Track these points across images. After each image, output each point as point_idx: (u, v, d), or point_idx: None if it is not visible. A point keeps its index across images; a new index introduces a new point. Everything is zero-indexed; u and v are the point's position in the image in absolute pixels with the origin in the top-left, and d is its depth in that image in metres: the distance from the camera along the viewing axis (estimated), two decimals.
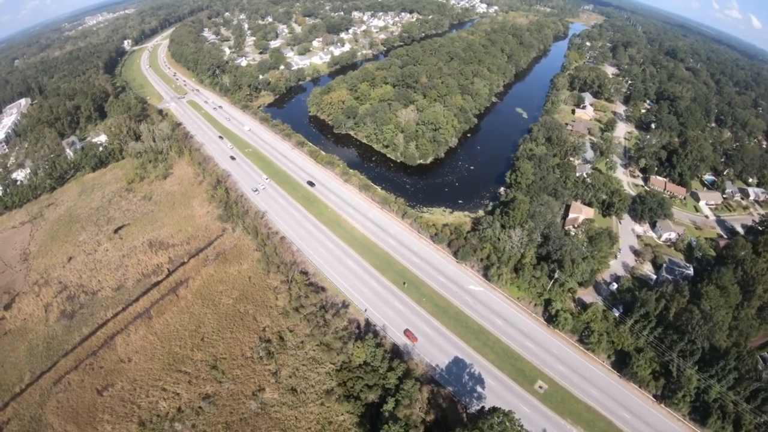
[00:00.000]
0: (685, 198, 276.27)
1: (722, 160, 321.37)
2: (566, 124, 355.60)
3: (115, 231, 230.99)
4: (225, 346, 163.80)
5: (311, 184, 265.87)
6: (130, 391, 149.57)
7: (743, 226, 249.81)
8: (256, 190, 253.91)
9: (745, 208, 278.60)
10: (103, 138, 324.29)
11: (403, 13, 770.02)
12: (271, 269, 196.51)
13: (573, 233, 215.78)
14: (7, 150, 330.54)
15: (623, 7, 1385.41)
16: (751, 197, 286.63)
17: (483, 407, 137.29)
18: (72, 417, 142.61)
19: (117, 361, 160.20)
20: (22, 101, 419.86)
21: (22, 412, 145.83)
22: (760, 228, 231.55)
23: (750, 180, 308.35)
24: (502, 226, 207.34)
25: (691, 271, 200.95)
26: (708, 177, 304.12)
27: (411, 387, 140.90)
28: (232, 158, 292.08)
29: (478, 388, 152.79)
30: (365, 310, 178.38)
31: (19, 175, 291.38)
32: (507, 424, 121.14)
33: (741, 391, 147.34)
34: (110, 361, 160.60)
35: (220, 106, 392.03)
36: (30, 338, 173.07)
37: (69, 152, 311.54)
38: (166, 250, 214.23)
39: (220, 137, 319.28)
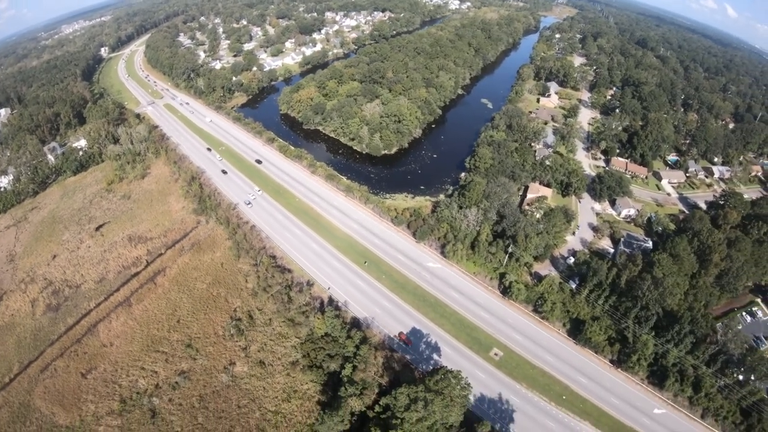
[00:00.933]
0: (646, 177, 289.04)
1: (686, 141, 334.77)
2: (530, 112, 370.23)
3: (97, 229, 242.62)
4: (199, 327, 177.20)
5: (258, 162, 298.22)
6: (111, 373, 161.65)
7: (706, 202, 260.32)
8: (249, 203, 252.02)
9: (710, 185, 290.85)
10: (83, 143, 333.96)
11: (375, 12, 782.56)
12: (241, 255, 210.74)
13: (529, 211, 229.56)
14: None
15: (597, 0, 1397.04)
16: (716, 175, 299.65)
17: (433, 368, 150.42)
18: (58, 400, 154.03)
19: (100, 346, 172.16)
20: (2, 111, 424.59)
21: (11, 399, 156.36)
22: (721, 202, 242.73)
23: (715, 159, 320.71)
24: (459, 207, 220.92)
25: (650, 245, 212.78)
26: (671, 157, 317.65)
27: (366, 352, 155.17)
28: (224, 172, 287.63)
29: (435, 356, 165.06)
30: (328, 288, 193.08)
31: (2, 181, 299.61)
32: (451, 380, 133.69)
33: (700, 355, 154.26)
34: (93, 346, 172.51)
35: (188, 103, 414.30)
36: (18, 332, 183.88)
37: (50, 158, 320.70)
38: (144, 243, 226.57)
39: (209, 149, 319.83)
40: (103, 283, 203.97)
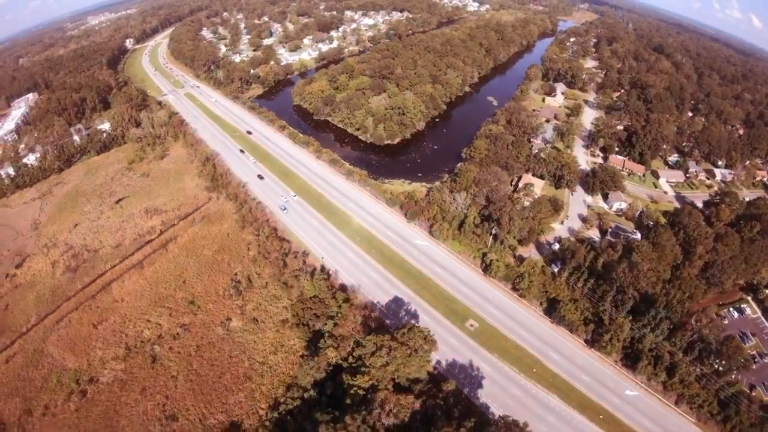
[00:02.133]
0: (644, 175, 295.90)
1: (690, 143, 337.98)
2: (533, 110, 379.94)
3: (117, 202, 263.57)
4: (202, 287, 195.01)
5: (249, 132, 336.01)
6: (120, 324, 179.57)
7: (703, 202, 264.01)
8: (285, 209, 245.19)
9: (710, 186, 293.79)
10: (106, 125, 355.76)
11: (393, 12, 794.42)
12: (245, 226, 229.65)
13: (517, 198, 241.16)
14: (17, 137, 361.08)
15: (620, 6, 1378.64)
16: (718, 177, 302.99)
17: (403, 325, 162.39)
18: (69, 347, 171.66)
19: (112, 302, 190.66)
20: (30, 95, 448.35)
21: (26, 347, 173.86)
22: (716, 200, 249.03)
23: (719, 162, 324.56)
24: (450, 191, 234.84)
25: (638, 236, 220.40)
26: (673, 158, 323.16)
27: (346, 309, 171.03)
28: (260, 177, 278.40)
29: (413, 322, 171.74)
30: (322, 258, 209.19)
31: (30, 158, 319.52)
32: (417, 333, 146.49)
33: (677, 342, 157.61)
34: (106, 301, 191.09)
35: (198, 86, 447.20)
36: (38, 289, 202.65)
37: (76, 138, 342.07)
38: (159, 215, 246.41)
39: (241, 151, 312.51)
40: (120, 248, 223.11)
